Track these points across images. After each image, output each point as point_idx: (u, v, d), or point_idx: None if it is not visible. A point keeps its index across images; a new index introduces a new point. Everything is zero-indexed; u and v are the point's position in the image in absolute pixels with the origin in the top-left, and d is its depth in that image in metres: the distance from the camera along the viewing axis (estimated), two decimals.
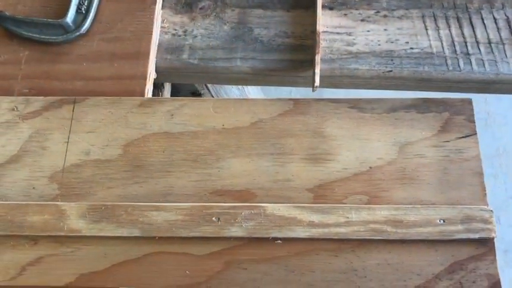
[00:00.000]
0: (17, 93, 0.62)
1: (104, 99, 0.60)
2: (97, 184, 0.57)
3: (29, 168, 0.57)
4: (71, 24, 0.64)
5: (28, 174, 0.57)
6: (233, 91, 0.99)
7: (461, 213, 0.53)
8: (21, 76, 0.63)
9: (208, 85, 0.84)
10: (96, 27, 0.66)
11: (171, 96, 0.77)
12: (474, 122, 0.59)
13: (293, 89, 1.51)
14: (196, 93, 0.80)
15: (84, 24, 0.64)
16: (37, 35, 0.64)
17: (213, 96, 0.85)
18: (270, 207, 0.54)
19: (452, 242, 0.53)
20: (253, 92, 1.15)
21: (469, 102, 0.60)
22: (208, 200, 0.56)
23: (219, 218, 0.54)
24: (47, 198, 0.56)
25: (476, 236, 0.53)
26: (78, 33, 0.64)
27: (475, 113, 0.60)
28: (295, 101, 0.61)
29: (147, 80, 0.63)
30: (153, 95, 0.67)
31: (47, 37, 0.64)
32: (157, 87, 0.72)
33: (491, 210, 0.54)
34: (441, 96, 0.62)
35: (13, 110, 0.60)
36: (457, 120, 0.59)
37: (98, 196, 0.56)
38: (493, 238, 0.53)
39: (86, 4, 0.65)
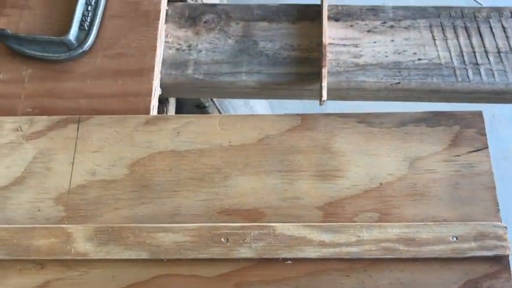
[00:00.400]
0: (20, 112, 0.62)
1: (109, 118, 0.59)
2: (103, 205, 0.56)
3: (34, 190, 0.57)
4: (73, 41, 0.63)
5: (33, 196, 0.56)
6: (237, 102, 0.98)
7: (474, 229, 0.53)
8: (25, 95, 0.62)
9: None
10: (99, 44, 0.65)
11: (175, 109, 0.76)
12: (485, 135, 0.58)
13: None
14: (201, 106, 0.79)
15: (87, 41, 0.63)
16: (40, 53, 0.63)
17: (217, 108, 0.84)
18: (279, 227, 0.53)
19: (465, 259, 0.52)
20: (257, 102, 1.14)
21: (480, 115, 0.59)
22: (216, 219, 0.55)
23: (227, 239, 0.53)
24: (53, 221, 0.55)
25: (490, 253, 0.52)
26: (81, 51, 0.63)
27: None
28: (303, 117, 0.60)
29: (152, 96, 0.62)
30: (158, 110, 0.66)
31: (50, 55, 0.63)
32: (162, 102, 0.72)
33: (505, 227, 0.53)
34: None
35: (17, 130, 0.60)
36: (468, 133, 0.58)
37: (104, 218, 0.55)
38: (507, 255, 0.52)
39: (88, 20, 0.64)
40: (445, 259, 0.52)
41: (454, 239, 0.52)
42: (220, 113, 0.85)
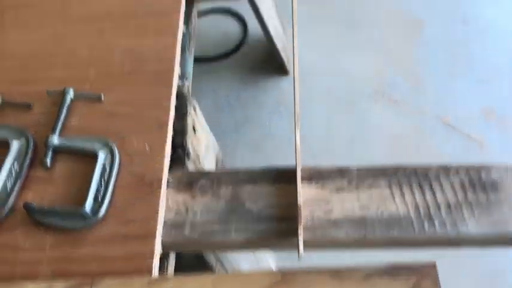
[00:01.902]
0: (41, 276, 0.72)
1: (117, 282, 0.69)
2: None
3: None
4: (89, 212, 0.75)
5: None
6: None
7: None
8: (46, 261, 0.73)
9: None
10: (111, 212, 0.76)
11: (175, 259, 0.87)
12: (439, 285, 0.67)
13: None
14: (199, 256, 0.90)
15: (100, 211, 0.75)
16: (60, 224, 0.75)
17: (215, 257, 0.95)
18: None
19: None
20: None
21: (434, 266, 0.69)
22: None
23: None
24: None
25: None
26: (95, 220, 0.75)
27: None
28: (283, 273, 0.70)
29: (154, 257, 0.73)
30: (160, 263, 0.76)
31: (68, 225, 0.75)
32: (164, 255, 0.82)
33: None
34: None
35: None
36: (424, 284, 0.68)
37: None
38: None
39: (101, 193, 0.77)
40: None
41: None
42: (217, 260, 0.96)
